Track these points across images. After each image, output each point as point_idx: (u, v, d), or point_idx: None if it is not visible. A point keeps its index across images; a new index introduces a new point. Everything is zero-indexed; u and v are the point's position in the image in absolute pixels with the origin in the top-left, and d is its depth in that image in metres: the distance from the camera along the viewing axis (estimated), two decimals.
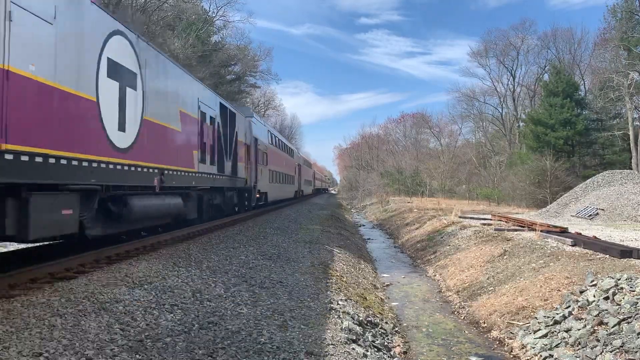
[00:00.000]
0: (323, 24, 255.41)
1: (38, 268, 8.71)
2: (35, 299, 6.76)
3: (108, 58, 8.96)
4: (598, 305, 8.46)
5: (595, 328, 7.93)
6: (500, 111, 64.14)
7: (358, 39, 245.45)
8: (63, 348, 5.03)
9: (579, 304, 8.93)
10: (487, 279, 13.26)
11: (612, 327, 7.64)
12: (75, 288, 7.41)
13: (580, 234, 16.09)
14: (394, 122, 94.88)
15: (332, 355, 6.54)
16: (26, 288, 7.69)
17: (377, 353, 7.86)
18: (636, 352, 6.84)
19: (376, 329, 9.18)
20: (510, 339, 9.31)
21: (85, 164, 8.17)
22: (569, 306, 9.05)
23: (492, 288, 12.36)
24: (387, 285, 15.06)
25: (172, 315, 6.57)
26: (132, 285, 7.97)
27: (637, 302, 7.89)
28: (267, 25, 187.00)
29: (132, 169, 10.09)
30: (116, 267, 9.33)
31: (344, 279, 12.59)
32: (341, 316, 8.64)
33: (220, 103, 18.11)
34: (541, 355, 8.15)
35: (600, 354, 7.25)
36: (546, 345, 8.34)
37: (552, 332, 8.60)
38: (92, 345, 5.16)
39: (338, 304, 9.42)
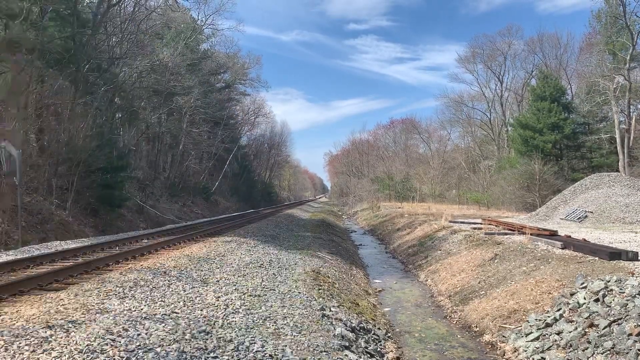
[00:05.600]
0: (312, 30, 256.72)
1: (26, 279, 8.63)
2: (23, 311, 6.69)
3: None
4: (588, 308, 8.51)
5: (586, 330, 7.97)
6: (489, 116, 64.52)
7: (347, 45, 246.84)
8: None
9: (570, 306, 8.98)
10: (479, 283, 13.30)
11: (603, 329, 7.69)
12: (65, 299, 7.35)
13: (570, 236, 16.20)
14: (384, 128, 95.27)
15: None
16: (14, 300, 7.61)
17: (370, 359, 7.85)
18: (627, 353, 6.88)
19: (369, 335, 9.17)
20: (503, 342, 9.33)
21: None
22: (560, 309, 9.10)
23: (483, 292, 12.40)
24: (380, 291, 15.05)
25: (163, 325, 6.52)
26: (123, 295, 7.91)
27: (627, 304, 7.95)
28: (256, 32, 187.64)
29: None
30: (107, 277, 9.27)
31: (336, 286, 12.57)
32: (334, 323, 8.62)
33: None
34: (533, 358, 8.17)
35: (592, 355, 7.29)
36: (538, 348, 8.37)
37: (544, 335, 8.63)
38: (82, 357, 5.11)
39: (330, 310, 9.40)
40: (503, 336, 9.51)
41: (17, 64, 20.61)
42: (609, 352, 7.12)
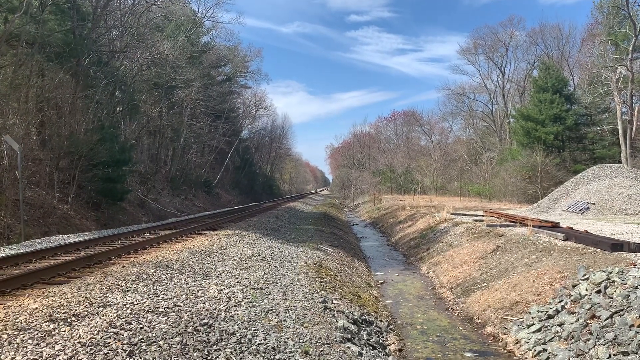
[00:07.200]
0: (313, 21, 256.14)
1: (29, 273, 8.65)
2: (26, 305, 6.71)
3: None
4: (590, 299, 8.52)
5: (588, 321, 7.98)
6: (491, 108, 64.32)
7: (348, 37, 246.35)
8: (56, 353, 4.99)
9: (572, 298, 8.98)
10: (481, 275, 13.31)
11: (605, 320, 7.69)
12: (68, 292, 7.37)
13: (572, 228, 16.20)
14: (385, 120, 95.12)
15: (327, 354, 6.54)
16: (18, 294, 7.63)
17: (373, 351, 7.87)
18: (628, 344, 6.89)
19: (371, 327, 9.19)
20: (505, 334, 9.35)
21: None
22: (562, 300, 9.11)
23: (485, 284, 12.41)
24: (381, 283, 15.08)
25: (165, 318, 6.54)
26: (125, 289, 7.93)
27: (629, 295, 7.95)
28: (256, 24, 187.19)
29: None
30: (109, 271, 9.29)
31: (338, 278, 12.59)
32: (336, 315, 8.64)
33: None
34: (535, 350, 8.19)
35: (593, 347, 7.30)
36: (540, 339, 8.38)
37: (546, 327, 8.64)
38: (85, 350, 5.13)
39: (333, 302, 9.42)
40: (505, 328, 9.53)
41: (17, 57, 20.57)
42: (610, 343, 7.13)
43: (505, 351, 8.82)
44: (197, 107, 42.05)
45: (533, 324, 8.92)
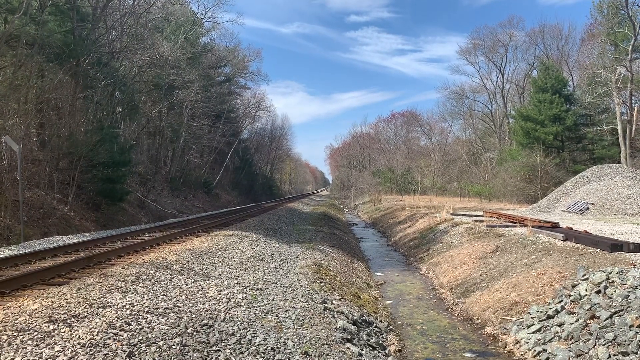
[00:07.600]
0: (313, 22, 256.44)
1: (29, 274, 8.65)
2: (26, 306, 6.71)
3: None
4: (590, 299, 8.52)
5: (588, 322, 7.98)
6: (490, 108, 64.33)
7: (348, 37, 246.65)
8: (56, 354, 4.99)
9: (571, 298, 8.98)
10: (480, 275, 13.31)
11: (604, 321, 7.70)
12: (68, 293, 7.36)
13: (572, 228, 16.20)
14: (385, 120, 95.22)
15: (327, 355, 6.54)
16: (17, 295, 7.64)
17: (372, 352, 7.87)
18: (628, 344, 6.89)
19: (371, 328, 9.19)
20: (504, 334, 9.35)
21: None
22: (562, 301, 9.11)
23: (485, 284, 12.41)
24: (381, 284, 15.07)
25: (165, 318, 6.54)
26: (125, 290, 7.93)
27: (629, 295, 7.95)
28: (256, 25, 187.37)
29: None
30: (109, 272, 9.28)
31: (338, 279, 12.59)
32: (336, 316, 8.64)
33: None
34: (535, 350, 8.19)
35: (593, 347, 7.31)
36: (540, 340, 8.38)
37: (545, 327, 8.64)
38: (85, 351, 5.12)
39: (332, 303, 9.42)
40: (505, 328, 9.53)
41: (17, 58, 20.56)
42: (610, 343, 7.13)
43: (505, 351, 8.82)
44: (197, 107, 42.03)
45: (533, 324, 8.92)
